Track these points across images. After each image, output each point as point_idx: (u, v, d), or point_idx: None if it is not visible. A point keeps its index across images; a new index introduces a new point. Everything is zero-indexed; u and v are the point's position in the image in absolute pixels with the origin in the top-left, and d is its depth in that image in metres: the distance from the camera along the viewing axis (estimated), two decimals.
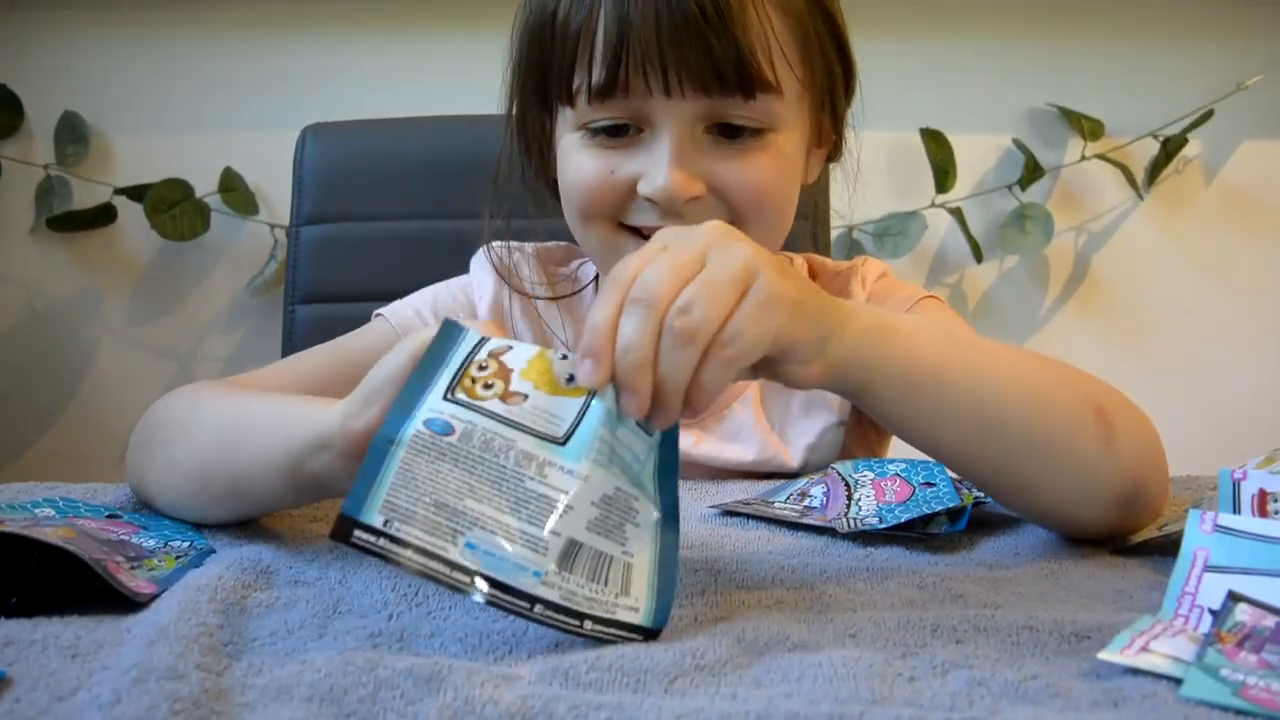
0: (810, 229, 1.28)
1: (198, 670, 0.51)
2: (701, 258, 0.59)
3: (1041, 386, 0.72)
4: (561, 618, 0.54)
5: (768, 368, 0.62)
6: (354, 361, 0.95)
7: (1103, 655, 0.52)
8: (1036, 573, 0.69)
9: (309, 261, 1.36)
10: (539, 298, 1.03)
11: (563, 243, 1.06)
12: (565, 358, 0.58)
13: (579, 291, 1.05)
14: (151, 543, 0.71)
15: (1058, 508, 0.73)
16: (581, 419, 0.57)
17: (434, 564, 0.53)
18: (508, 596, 0.53)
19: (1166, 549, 0.70)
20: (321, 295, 1.35)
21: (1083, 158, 1.86)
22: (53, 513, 0.74)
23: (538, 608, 0.53)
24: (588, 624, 0.54)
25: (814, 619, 0.60)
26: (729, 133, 0.87)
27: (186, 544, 0.72)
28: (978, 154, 1.88)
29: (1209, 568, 0.60)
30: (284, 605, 0.62)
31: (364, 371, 0.65)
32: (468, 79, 1.60)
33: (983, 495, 0.79)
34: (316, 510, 0.83)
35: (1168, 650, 0.52)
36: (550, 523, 0.55)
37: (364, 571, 0.66)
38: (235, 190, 1.79)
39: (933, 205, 1.84)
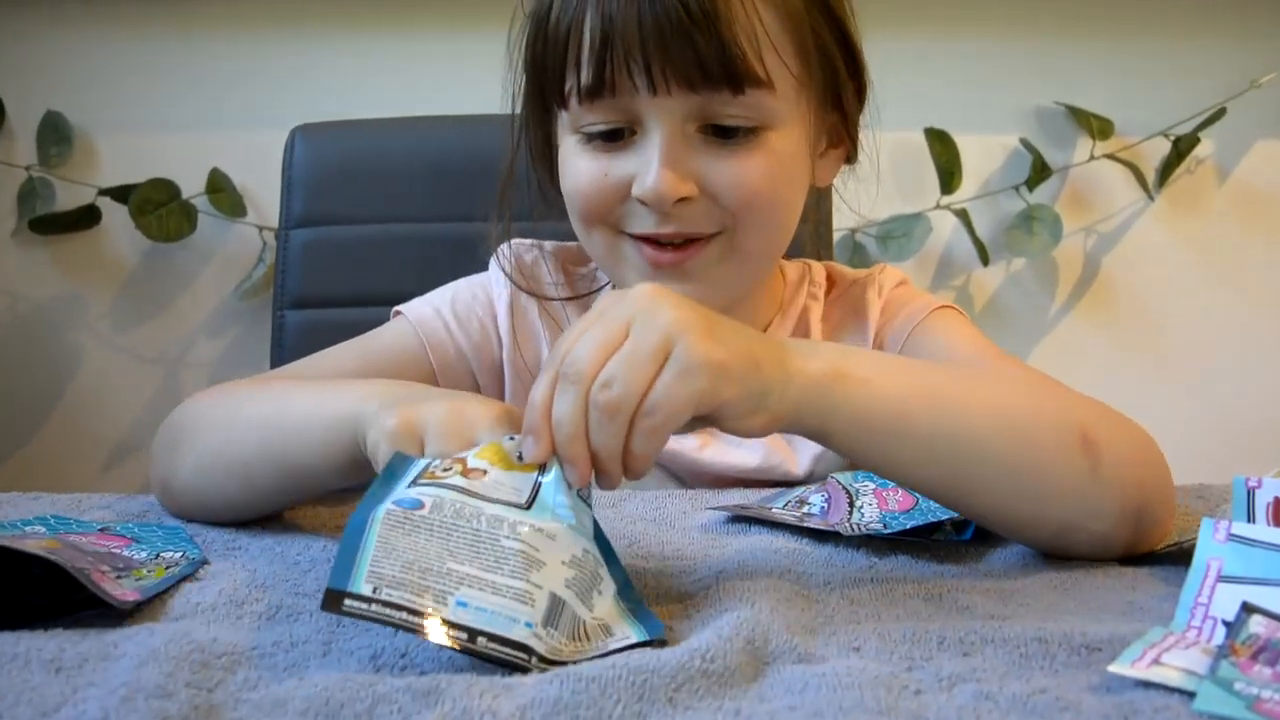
0: (812, 230, 1.28)
1: (187, 688, 0.51)
2: (626, 329, 0.62)
3: (1018, 418, 0.73)
4: (556, 669, 0.55)
5: (708, 423, 0.65)
6: (376, 361, 0.98)
7: (1113, 668, 0.52)
8: (1045, 584, 0.69)
9: (298, 265, 1.36)
10: (550, 298, 1.04)
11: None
12: (513, 439, 0.62)
13: (595, 292, 1.06)
14: (143, 555, 0.71)
15: (1055, 537, 0.73)
16: (538, 490, 0.61)
17: (427, 624, 0.55)
18: (505, 649, 0.55)
19: (1179, 559, 0.70)
20: (311, 300, 1.36)
21: (1092, 158, 1.86)
22: (44, 529, 0.74)
23: (534, 659, 0.55)
24: (584, 664, 0.56)
25: (818, 630, 0.60)
26: (722, 133, 0.88)
27: (179, 554, 0.72)
28: (984, 154, 1.88)
29: (1223, 578, 0.60)
30: (285, 618, 0.62)
31: (387, 371, 0.66)
32: (461, 78, 1.60)
33: None
34: (312, 520, 0.83)
35: (1180, 663, 0.53)
36: (533, 575, 0.57)
37: None
38: (222, 192, 1.79)
39: (938, 207, 1.84)
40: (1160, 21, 1.86)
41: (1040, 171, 1.84)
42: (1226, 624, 0.57)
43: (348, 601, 0.54)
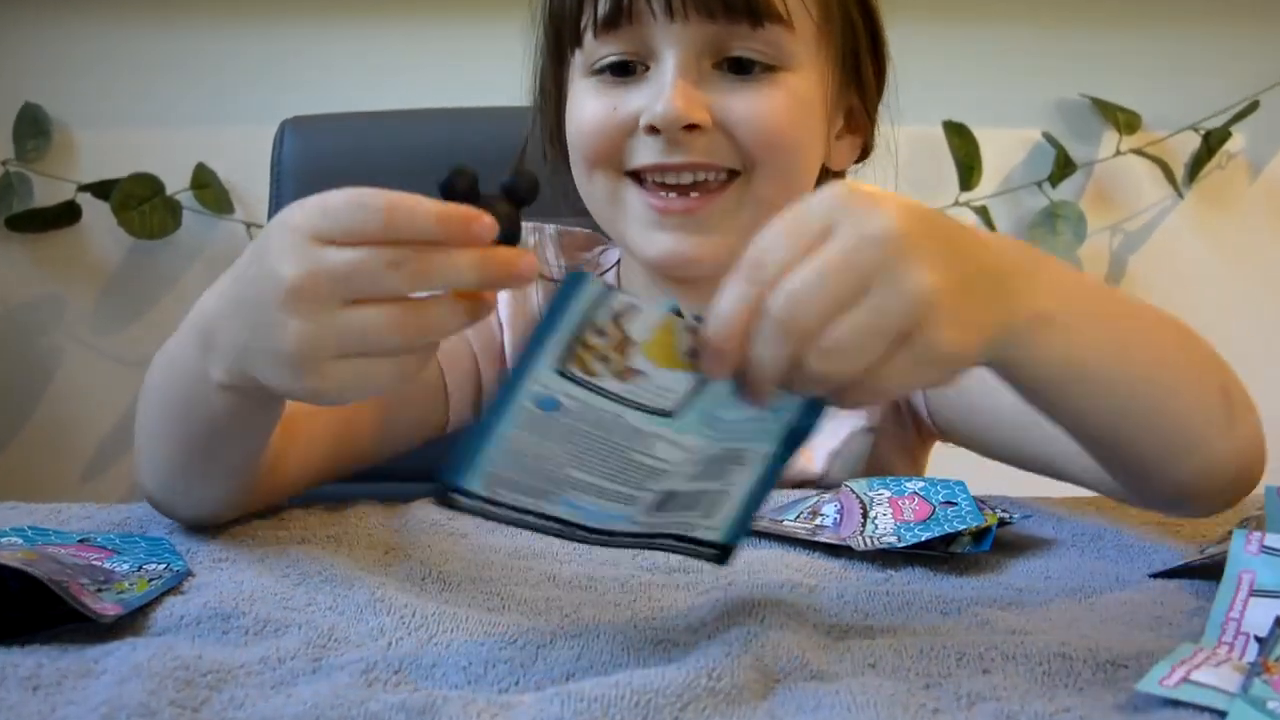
0: None
1: (171, 706, 0.51)
2: (865, 278, 0.54)
3: (1180, 368, 0.73)
4: (635, 540, 0.61)
5: None
6: None
7: (1141, 686, 0.52)
8: (1069, 597, 0.69)
9: None
10: (554, 280, 1.04)
11: (586, 230, 1.08)
12: (693, 329, 0.56)
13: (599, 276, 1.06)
14: (125, 567, 0.71)
15: (1176, 489, 0.73)
16: (693, 396, 0.57)
17: (528, 517, 0.59)
18: (592, 535, 0.59)
19: (1209, 572, 0.70)
20: None
21: (1118, 152, 1.87)
22: (20, 541, 0.74)
23: (618, 537, 0.59)
24: (660, 540, 0.61)
25: (831, 645, 0.60)
26: (739, 68, 0.90)
27: (162, 566, 0.72)
28: (1005, 148, 1.88)
29: (1255, 592, 0.60)
30: (273, 632, 0.62)
31: None
32: (455, 70, 1.61)
33: (1008, 515, 0.79)
34: (301, 531, 0.83)
35: (1211, 680, 0.53)
36: (650, 483, 0.59)
37: (356, 596, 0.66)
38: (208, 187, 1.79)
39: (957, 204, 1.85)
40: (1189, 10, 1.86)
41: (1064, 167, 1.84)
42: (1259, 640, 0.57)
43: (455, 495, 0.57)
